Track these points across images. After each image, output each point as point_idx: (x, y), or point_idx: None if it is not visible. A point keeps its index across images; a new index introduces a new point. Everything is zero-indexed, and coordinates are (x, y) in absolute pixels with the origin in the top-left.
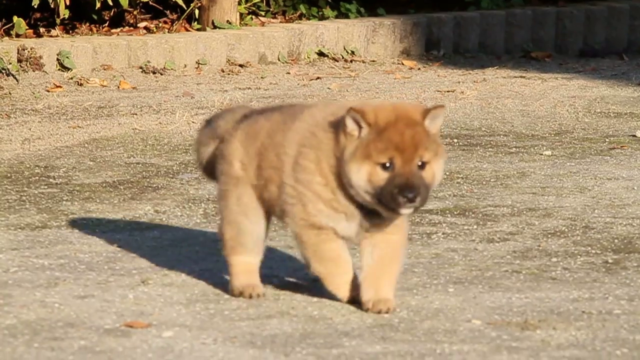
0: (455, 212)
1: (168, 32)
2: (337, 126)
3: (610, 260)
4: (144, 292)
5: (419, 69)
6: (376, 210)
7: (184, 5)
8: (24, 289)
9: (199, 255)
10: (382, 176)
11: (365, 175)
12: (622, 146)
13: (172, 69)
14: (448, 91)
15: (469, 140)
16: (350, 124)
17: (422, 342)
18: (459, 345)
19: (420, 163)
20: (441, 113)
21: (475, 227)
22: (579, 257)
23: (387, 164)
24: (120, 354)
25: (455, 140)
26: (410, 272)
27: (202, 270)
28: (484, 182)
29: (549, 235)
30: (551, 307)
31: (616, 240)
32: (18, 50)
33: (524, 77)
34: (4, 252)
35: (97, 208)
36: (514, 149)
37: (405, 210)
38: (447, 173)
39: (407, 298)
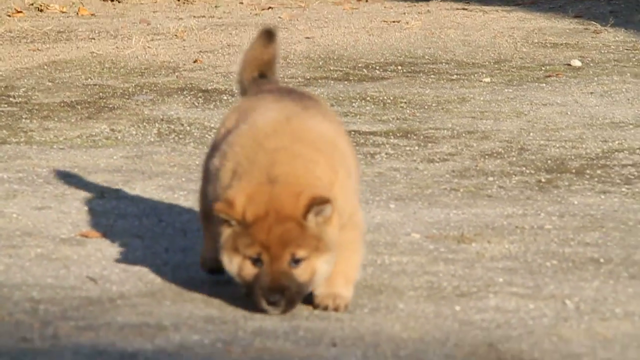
0: (398, 134)
1: None
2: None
3: (543, 180)
4: (99, 204)
5: (367, 0)
6: None
7: None
8: None
9: (152, 171)
10: (251, 271)
11: (236, 268)
12: (557, 74)
13: None
14: (394, 21)
15: (412, 68)
16: (219, 217)
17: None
18: (398, 256)
19: (294, 259)
20: (327, 207)
21: (416, 148)
22: (514, 176)
23: (256, 259)
24: (75, 261)
25: (400, 68)
26: None
27: (156, 186)
28: (426, 107)
29: (486, 156)
30: (486, 222)
31: (549, 161)
32: None
33: (466, 9)
34: None
35: (55, 126)
36: (455, 76)
37: (271, 312)
38: (392, 98)
39: None
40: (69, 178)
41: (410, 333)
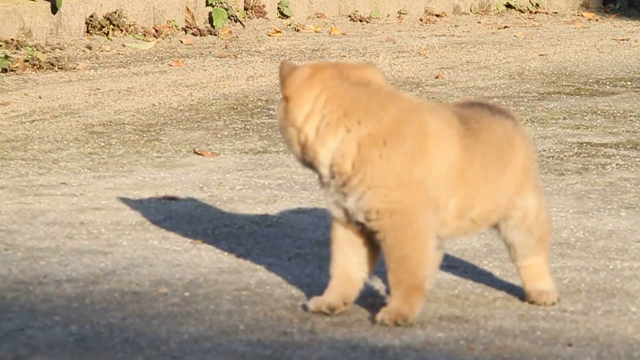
0: (627, 146)
1: None
2: None
3: None
4: None
5: (597, 20)
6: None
7: None
8: (248, 204)
9: None
10: None
11: None
12: None
13: (376, 17)
14: (622, 40)
15: None
16: None
17: (597, 259)
18: (629, 262)
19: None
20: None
21: None
22: None
23: None
24: (328, 261)
25: (629, 83)
26: (586, 198)
27: None
28: None
29: None
30: None
31: None
32: None
33: None
34: (230, 173)
35: None
36: None
37: None
38: (621, 111)
39: (583, 220)
40: None
41: None
